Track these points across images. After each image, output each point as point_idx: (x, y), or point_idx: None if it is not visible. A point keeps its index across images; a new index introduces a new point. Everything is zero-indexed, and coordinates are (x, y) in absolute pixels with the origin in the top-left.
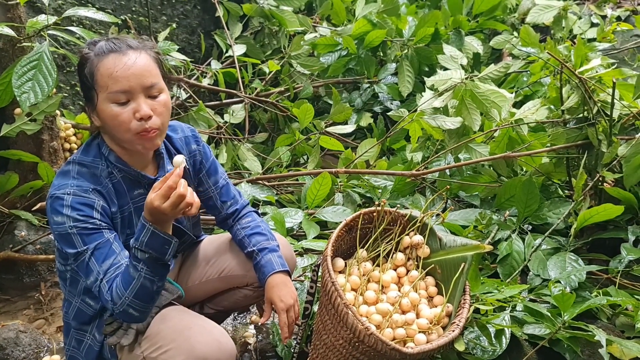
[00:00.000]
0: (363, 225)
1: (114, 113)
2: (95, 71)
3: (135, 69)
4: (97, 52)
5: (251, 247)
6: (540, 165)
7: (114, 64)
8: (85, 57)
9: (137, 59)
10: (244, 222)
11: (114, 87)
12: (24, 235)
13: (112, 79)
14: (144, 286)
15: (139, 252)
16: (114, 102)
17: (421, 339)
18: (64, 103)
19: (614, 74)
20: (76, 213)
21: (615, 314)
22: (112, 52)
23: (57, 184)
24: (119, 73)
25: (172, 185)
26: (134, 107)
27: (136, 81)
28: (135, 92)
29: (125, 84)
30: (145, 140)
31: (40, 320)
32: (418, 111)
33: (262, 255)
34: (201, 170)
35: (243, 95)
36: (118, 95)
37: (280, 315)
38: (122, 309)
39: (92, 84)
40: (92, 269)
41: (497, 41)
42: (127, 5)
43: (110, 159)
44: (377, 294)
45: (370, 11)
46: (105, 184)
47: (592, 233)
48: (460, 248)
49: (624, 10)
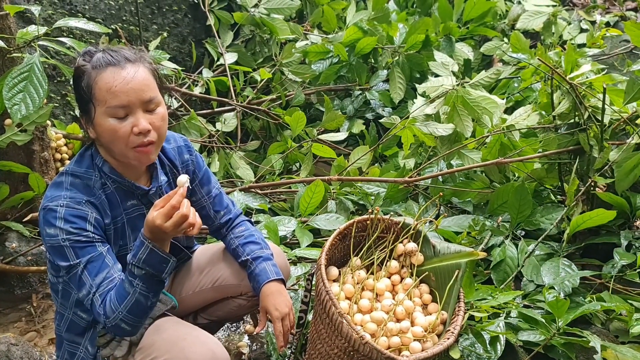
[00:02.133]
0: (357, 233)
1: (113, 127)
2: (93, 85)
3: (134, 83)
4: (94, 64)
5: (245, 256)
6: (532, 171)
7: (113, 78)
8: (81, 69)
9: (136, 73)
10: (237, 231)
11: (112, 102)
12: (15, 247)
13: (111, 94)
14: (139, 301)
15: (136, 268)
16: (112, 117)
17: (416, 347)
18: (54, 113)
19: (604, 80)
20: (69, 226)
21: (609, 319)
22: (110, 66)
23: (49, 195)
24: (117, 88)
25: (175, 205)
26: (132, 122)
27: (135, 96)
28: (134, 106)
29: (124, 99)
30: (142, 154)
31: (32, 333)
32: (410, 118)
33: (257, 264)
34: (194, 180)
35: (235, 104)
36: (117, 110)
37: (276, 324)
38: (114, 323)
39: (89, 97)
40: (85, 282)
41: (488, 47)
42: (117, 15)
43: (104, 170)
44: (372, 302)
45: (361, 18)
46: (98, 195)
47: (584, 238)
48: (453, 255)
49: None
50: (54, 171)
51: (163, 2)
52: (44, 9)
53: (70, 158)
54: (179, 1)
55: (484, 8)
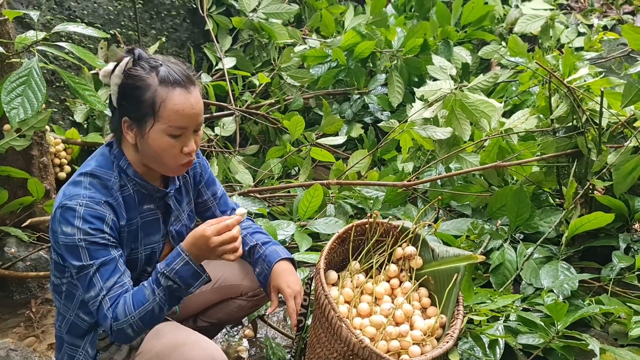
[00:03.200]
0: (355, 237)
1: (167, 144)
2: (160, 101)
3: (197, 109)
4: (162, 80)
5: (253, 241)
6: (530, 174)
7: (182, 101)
8: (144, 80)
9: (199, 99)
10: (244, 224)
11: (176, 123)
12: (13, 252)
13: (177, 115)
14: (153, 311)
15: (165, 278)
16: (169, 135)
17: (415, 351)
18: (53, 118)
19: (601, 83)
20: (88, 226)
21: (609, 322)
22: (179, 86)
23: (67, 193)
24: (185, 112)
25: (229, 225)
26: (183, 142)
27: (194, 120)
28: (190, 129)
29: (186, 122)
30: (183, 169)
31: (31, 338)
32: (408, 122)
33: (266, 247)
34: (200, 182)
35: (233, 108)
36: (177, 130)
37: (289, 301)
38: (121, 327)
39: (152, 111)
40: (95, 284)
41: (486, 51)
42: (116, 20)
43: (129, 172)
44: (371, 306)
45: (359, 23)
46: (116, 197)
47: (583, 241)
48: (452, 259)
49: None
50: (53, 176)
51: (161, 7)
52: (42, 14)
53: (70, 163)
54: (178, 6)
55: (481, 12)
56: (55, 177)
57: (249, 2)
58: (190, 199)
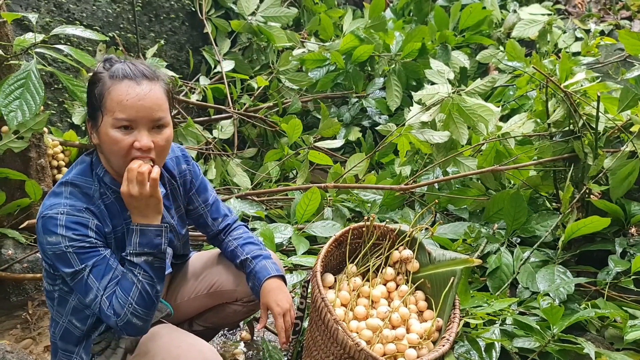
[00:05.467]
0: (352, 240)
1: (115, 138)
2: (105, 94)
3: (146, 100)
4: (112, 73)
5: (244, 255)
6: (527, 178)
7: (127, 92)
8: (98, 76)
9: (150, 91)
10: (235, 234)
11: (120, 114)
12: (11, 254)
13: (121, 106)
14: (145, 291)
15: (134, 256)
16: (117, 128)
17: (411, 355)
18: (51, 120)
19: (598, 88)
20: (71, 232)
21: (604, 325)
22: (127, 79)
23: (48, 204)
24: (129, 102)
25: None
26: (135, 136)
27: (144, 113)
28: (140, 123)
29: (132, 113)
30: None
31: (28, 340)
32: (406, 125)
33: (256, 262)
34: (191, 190)
35: (232, 111)
36: (122, 123)
37: (277, 319)
38: (125, 319)
39: (99, 104)
40: (92, 286)
41: (484, 55)
42: (115, 23)
43: (105, 180)
44: (367, 309)
45: (358, 27)
46: (97, 205)
47: (579, 245)
48: (449, 262)
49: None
50: (51, 178)
51: (160, 10)
52: (41, 17)
53: (67, 165)
54: (177, 9)
55: (479, 17)
56: (53, 179)
57: (247, 5)
58: (178, 205)
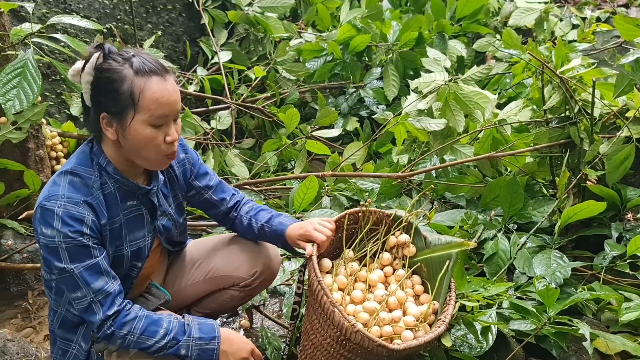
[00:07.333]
0: (349, 225)
1: (150, 135)
2: (137, 91)
3: (174, 96)
4: (137, 70)
5: (259, 223)
6: (524, 164)
7: (160, 89)
8: (117, 72)
9: (174, 85)
10: (245, 208)
11: (157, 112)
12: (10, 244)
13: (157, 104)
14: (151, 347)
15: (182, 348)
16: (151, 125)
17: (408, 336)
18: (49, 111)
19: (594, 74)
20: (67, 229)
21: (600, 308)
22: (154, 75)
23: (47, 194)
24: (164, 99)
25: None
26: (165, 131)
27: (173, 108)
28: (170, 117)
29: (167, 110)
30: (167, 160)
31: (28, 329)
32: (403, 113)
33: (271, 223)
34: (191, 177)
35: (229, 102)
36: (158, 120)
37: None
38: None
39: (131, 103)
40: (80, 286)
41: (480, 44)
42: (112, 14)
43: (108, 170)
44: (364, 293)
45: (355, 16)
46: (96, 195)
47: (576, 230)
48: (445, 246)
49: (604, 12)
50: (49, 169)
51: (157, 1)
52: (38, 8)
53: (66, 156)
54: (173, 0)
55: (476, 5)
56: (52, 170)
57: None
58: (176, 194)
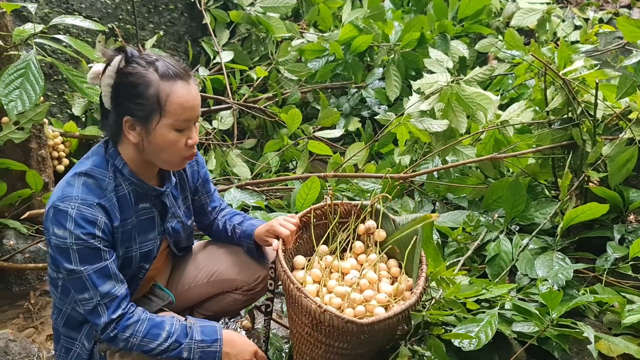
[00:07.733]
0: (321, 222)
1: (174, 139)
2: (163, 95)
3: (197, 100)
4: (162, 74)
5: (232, 224)
6: (526, 166)
7: (185, 93)
8: (141, 76)
9: (197, 89)
10: (223, 213)
11: (182, 116)
12: (12, 244)
13: (183, 109)
14: (154, 350)
15: (185, 351)
16: (176, 129)
17: (380, 312)
18: (52, 111)
19: (596, 75)
20: (80, 231)
21: (602, 310)
22: (179, 79)
23: (60, 194)
24: (189, 104)
25: None
26: (187, 135)
27: (197, 112)
28: (192, 121)
29: (191, 114)
30: (185, 162)
31: (30, 329)
32: (405, 114)
33: (243, 224)
34: (198, 180)
35: (231, 102)
36: (184, 124)
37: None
38: (117, 337)
39: (158, 107)
40: (88, 288)
41: (483, 45)
42: (114, 14)
43: (124, 172)
44: (339, 282)
45: (357, 17)
46: (109, 197)
47: (578, 232)
48: (410, 223)
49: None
50: (51, 169)
51: (159, 0)
52: (40, 8)
53: (68, 156)
54: (175, 0)
55: (478, 6)
56: (54, 170)
57: None
58: (186, 195)
